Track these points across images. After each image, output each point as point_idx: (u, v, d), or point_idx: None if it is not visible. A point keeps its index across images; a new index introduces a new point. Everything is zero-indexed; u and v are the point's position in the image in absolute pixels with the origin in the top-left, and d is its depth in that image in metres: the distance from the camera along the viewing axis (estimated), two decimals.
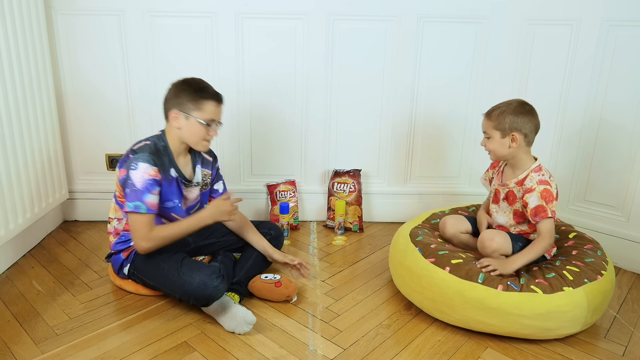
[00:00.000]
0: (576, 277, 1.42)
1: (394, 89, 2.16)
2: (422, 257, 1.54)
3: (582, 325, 1.42)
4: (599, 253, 1.56)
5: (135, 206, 1.47)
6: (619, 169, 1.88)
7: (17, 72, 1.74)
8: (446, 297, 1.45)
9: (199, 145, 1.56)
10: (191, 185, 1.64)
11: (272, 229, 1.80)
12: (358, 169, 2.21)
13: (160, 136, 1.57)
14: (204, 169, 1.69)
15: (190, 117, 1.52)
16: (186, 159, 1.63)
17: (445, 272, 1.47)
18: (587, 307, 1.39)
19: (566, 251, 1.61)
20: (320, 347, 1.41)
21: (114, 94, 2.11)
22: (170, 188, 1.56)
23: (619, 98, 1.85)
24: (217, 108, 1.54)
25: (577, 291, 1.39)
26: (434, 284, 1.48)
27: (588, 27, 1.88)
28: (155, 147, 1.53)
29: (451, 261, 1.49)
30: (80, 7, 1.99)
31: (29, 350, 1.36)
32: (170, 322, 1.50)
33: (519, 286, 1.40)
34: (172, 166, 1.56)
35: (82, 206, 2.24)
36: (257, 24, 2.06)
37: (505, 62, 2.11)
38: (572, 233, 1.71)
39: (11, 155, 1.71)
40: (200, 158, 1.68)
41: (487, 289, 1.40)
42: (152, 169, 1.48)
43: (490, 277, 1.43)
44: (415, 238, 1.65)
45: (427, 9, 2.05)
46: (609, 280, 1.47)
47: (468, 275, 1.44)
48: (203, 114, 1.52)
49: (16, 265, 1.84)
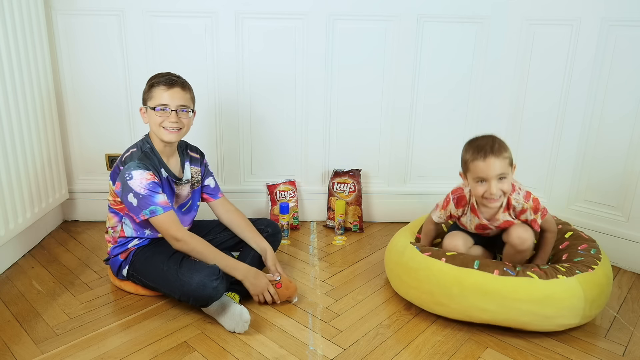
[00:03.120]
0: (567, 270, 1.44)
1: (394, 88, 2.16)
2: (419, 252, 1.57)
3: (581, 316, 1.42)
4: (592, 252, 1.56)
5: (151, 212, 1.48)
6: (619, 169, 1.88)
7: (17, 72, 1.74)
8: (444, 287, 1.47)
9: (160, 133, 1.54)
10: (181, 183, 1.65)
11: (269, 226, 1.78)
12: (358, 169, 2.22)
13: (144, 139, 1.59)
14: (193, 166, 1.70)
15: (148, 107, 1.54)
16: (174, 157, 1.64)
17: (442, 262, 1.49)
18: (585, 298, 1.40)
19: (556, 256, 1.63)
20: (320, 347, 1.41)
21: (114, 94, 2.11)
22: (162, 188, 1.57)
23: (619, 98, 1.84)
24: (167, 92, 1.51)
25: (571, 280, 1.40)
26: (431, 276, 1.50)
27: (588, 27, 1.88)
28: (142, 152, 1.54)
29: (446, 253, 1.53)
30: (80, 7, 1.99)
31: (29, 350, 1.36)
32: (170, 322, 1.50)
33: (514, 272, 1.42)
34: (162, 166, 1.58)
35: (82, 206, 2.24)
36: (257, 24, 2.06)
37: (505, 62, 2.11)
38: (569, 232, 1.70)
39: (11, 155, 1.71)
40: (188, 157, 1.70)
41: (483, 273, 1.42)
42: (147, 173, 1.49)
43: (486, 264, 1.45)
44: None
45: (427, 9, 2.05)
46: (602, 273, 1.47)
47: (464, 263, 1.47)
48: (153, 101, 1.53)
49: (16, 265, 1.84)
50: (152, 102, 1.53)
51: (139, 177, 1.47)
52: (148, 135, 1.60)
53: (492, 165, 1.43)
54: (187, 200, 1.70)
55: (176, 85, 1.53)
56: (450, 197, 1.62)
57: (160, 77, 1.54)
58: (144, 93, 1.56)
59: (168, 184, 1.59)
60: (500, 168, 1.44)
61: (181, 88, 1.55)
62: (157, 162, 1.56)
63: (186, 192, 1.68)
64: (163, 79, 1.53)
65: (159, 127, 1.53)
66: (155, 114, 1.52)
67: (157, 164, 1.56)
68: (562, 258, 1.58)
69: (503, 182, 1.46)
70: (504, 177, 1.45)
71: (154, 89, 1.53)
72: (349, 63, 2.12)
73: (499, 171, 1.44)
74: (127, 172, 1.48)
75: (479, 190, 1.48)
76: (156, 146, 1.58)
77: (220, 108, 2.15)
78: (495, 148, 1.44)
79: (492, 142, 1.46)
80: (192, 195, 1.71)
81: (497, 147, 1.45)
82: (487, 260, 1.47)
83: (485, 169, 1.44)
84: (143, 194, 1.47)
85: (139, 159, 1.50)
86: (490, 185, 1.45)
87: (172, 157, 1.63)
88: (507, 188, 1.46)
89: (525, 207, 1.52)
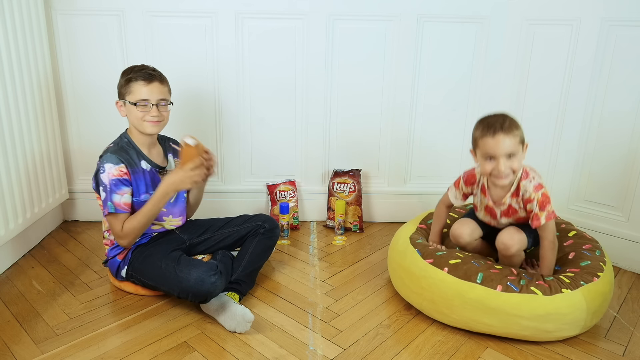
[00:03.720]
0: (572, 280, 1.42)
1: (394, 88, 2.15)
2: (421, 258, 1.54)
3: (581, 328, 1.42)
4: (597, 253, 1.56)
5: (108, 206, 1.51)
6: (619, 168, 1.88)
7: (17, 72, 1.74)
8: (445, 298, 1.45)
9: (142, 126, 1.57)
10: (165, 173, 1.65)
11: (266, 222, 1.76)
12: (358, 169, 2.21)
13: (123, 134, 1.62)
14: (177, 159, 1.72)
15: (126, 102, 1.55)
16: (156, 148, 1.66)
17: (443, 273, 1.47)
18: (587, 310, 1.39)
19: (563, 254, 1.61)
20: (320, 347, 1.41)
21: (114, 94, 2.09)
22: (144, 180, 1.58)
23: (619, 98, 1.85)
24: (145, 87, 1.53)
25: (575, 293, 1.38)
26: (432, 285, 1.48)
27: (588, 27, 1.88)
28: (118, 145, 1.57)
29: (449, 261, 1.49)
30: (80, 7, 1.99)
31: (29, 350, 1.36)
32: (170, 322, 1.50)
33: (518, 287, 1.40)
34: (142, 158, 1.59)
35: (82, 206, 2.24)
36: (257, 24, 2.06)
37: (505, 62, 2.11)
38: (572, 232, 1.70)
39: (11, 155, 1.71)
40: (171, 149, 1.72)
41: (486, 289, 1.40)
42: (116, 168, 1.51)
43: (490, 277, 1.43)
44: (415, 240, 1.65)
45: (427, 9, 2.05)
46: (606, 281, 1.46)
47: (466, 275, 1.44)
48: (132, 96, 1.54)
49: (16, 265, 1.84)
50: (132, 97, 1.54)
51: (107, 171, 1.51)
52: (126, 131, 1.63)
53: (501, 143, 1.40)
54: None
55: (154, 80, 1.55)
56: (461, 175, 1.63)
57: (137, 72, 1.54)
58: (120, 87, 1.57)
59: (152, 175, 1.61)
60: (509, 146, 1.40)
61: (159, 82, 1.57)
62: (136, 155, 1.58)
63: None
64: (141, 73, 1.54)
65: (141, 121, 1.56)
66: (136, 109, 1.54)
67: (136, 157, 1.58)
68: (569, 257, 1.57)
69: (513, 160, 1.42)
70: (513, 155, 1.41)
71: (133, 84, 1.54)
72: (349, 63, 2.12)
73: (508, 149, 1.40)
74: (101, 166, 1.52)
75: (487, 167, 1.45)
76: (136, 140, 1.60)
77: (220, 108, 2.15)
78: (505, 125, 1.40)
79: (503, 119, 1.42)
80: None
81: (508, 124, 1.41)
82: (491, 273, 1.43)
83: (494, 146, 1.41)
84: (108, 189, 1.51)
85: (112, 152, 1.53)
86: (498, 163, 1.41)
87: (153, 149, 1.65)
88: (516, 166, 1.43)
89: (532, 197, 1.48)
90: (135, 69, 1.56)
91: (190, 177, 1.52)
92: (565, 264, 1.57)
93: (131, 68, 1.57)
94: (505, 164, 1.41)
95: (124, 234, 1.53)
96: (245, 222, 1.76)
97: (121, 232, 1.53)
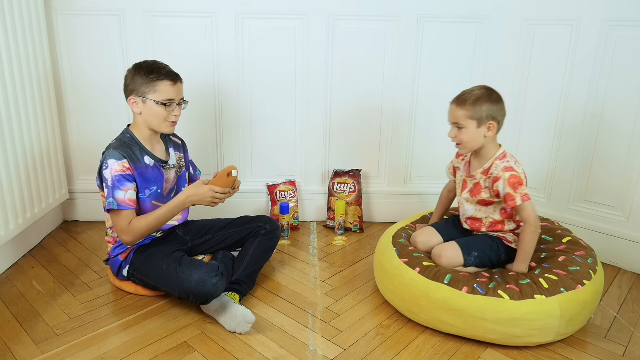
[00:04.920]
0: (552, 285, 1.38)
1: (393, 88, 2.16)
2: (397, 257, 1.57)
3: (555, 334, 1.38)
4: (589, 261, 1.51)
5: (109, 203, 1.50)
6: (619, 168, 1.88)
7: (17, 72, 1.74)
8: (413, 297, 1.47)
9: (162, 126, 1.57)
10: (168, 167, 1.66)
11: (267, 223, 1.77)
12: (358, 169, 2.21)
13: (125, 130, 1.61)
14: (177, 152, 1.72)
15: (147, 100, 1.53)
16: (159, 144, 1.66)
17: (414, 272, 1.49)
18: (560, 317, 1.35)
19: (553, 255, 1.57)
20: (320, 347, 1.41)
21: (114, 94, 2.11)
22: (147, 175, 1.58)
23: (619, 98, 1.84)
24: (172, 87, 1.54)
25: (550, 300, 1.35)
26: (403, 284, 1.50)
27: (588, 27, 1.88)
28: (121, 141, 1.57)
29: (423, 262, 1.51)
30: (80, 7, 1.99)
31: (29, 350, 1.36)
32: (170, 322, 1.51)
33: (485, 289, 1.39)
34: (145, 154, 1.59)
35: (82, 206, 2.24)
36: (257, 24, 2.06)
37: (505, 62, 2.11)
38: (567, 237, 1.66)
39: (11, 155, 1.71)
40: (171, 142, 1.72)
41: (451, 290, 1.40)
42: (119, 164, 1.50)
43: (458, 279, 1.42)
44: (397, 239, 1.67)
45: (427, 8, 2.05)
46: (590, 290, 1.42)
47: (435, 276, 1.45)
48: (158, 95, 1.53)
49: (16, 265, 1.84)
50: (157, 95, 1.53)
51: (110, 166, 1.50)
52: (128, 127, 1.62)
53: (450, 112, 1.53)
54: (174, 186, 1.71)
55: (178, 79, 1.57)
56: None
57: (159, 71, 1.53)
58: (140, 84, 1.52)
59: (156, 169, 1.61)
60: (454, 117, 1.51)
61: (180, 82, 1.59)
62: (139, 150, 1.58)
63: (172, 177, 1.69)
64: (164, 73, 1.54)
65: (163, 120, 1.56)
66: (161, 108, 1.54)
67: (139, 152, 1.57)
68: (559, 260, 1.53)
69: (462, 132, 1.50)
70: (461, 126, 1.50)
71: (159, 83, 1.52)
72: (348, 63, 2.12)
73: (453, 119, 1.52)
74: (104, 162, 1.52)
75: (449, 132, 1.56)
76: (139, 135, 1.59)
77: (220, 108, 2.15)
78: (462, 98, 1.49)
79: (469, 93, 1.49)
80: (178, 180, 1.72)
81: (465, 97, 1.48)
82: (460, 275, 1.44)
83: (449, 113, 1.54)
84: (110, 185, 1.50)
85: (114, 148, 1.53)
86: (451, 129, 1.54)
87: (156, 144, 1.65)
88: (464, 139, 1.51)
89: (499, 176, 1.50)
90: (155, 66, 1.54)
91: (211, 198, 1.53)
92: (553, 264, 1.52)
93: (151, 66, 1.54)
94: (453, 131, 1.53)
95: (129, 230, 1.51)
96: (246, 223, 1.76)
97: (126, 228, 1.51)
